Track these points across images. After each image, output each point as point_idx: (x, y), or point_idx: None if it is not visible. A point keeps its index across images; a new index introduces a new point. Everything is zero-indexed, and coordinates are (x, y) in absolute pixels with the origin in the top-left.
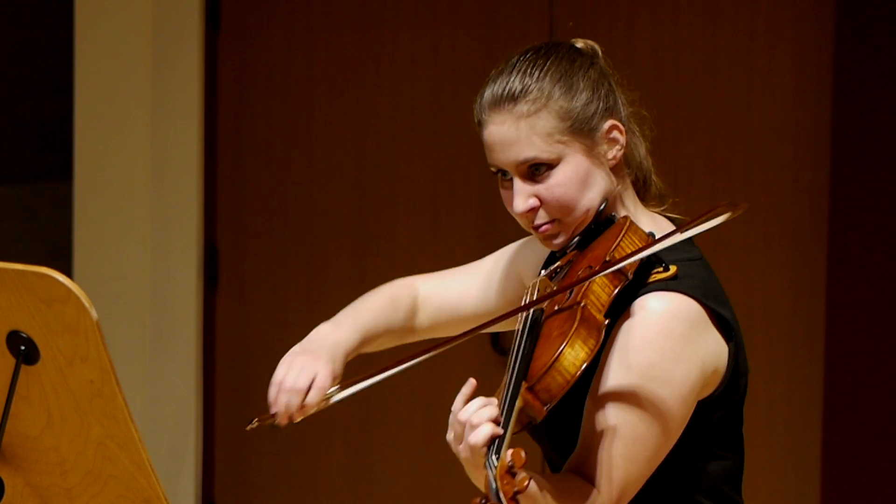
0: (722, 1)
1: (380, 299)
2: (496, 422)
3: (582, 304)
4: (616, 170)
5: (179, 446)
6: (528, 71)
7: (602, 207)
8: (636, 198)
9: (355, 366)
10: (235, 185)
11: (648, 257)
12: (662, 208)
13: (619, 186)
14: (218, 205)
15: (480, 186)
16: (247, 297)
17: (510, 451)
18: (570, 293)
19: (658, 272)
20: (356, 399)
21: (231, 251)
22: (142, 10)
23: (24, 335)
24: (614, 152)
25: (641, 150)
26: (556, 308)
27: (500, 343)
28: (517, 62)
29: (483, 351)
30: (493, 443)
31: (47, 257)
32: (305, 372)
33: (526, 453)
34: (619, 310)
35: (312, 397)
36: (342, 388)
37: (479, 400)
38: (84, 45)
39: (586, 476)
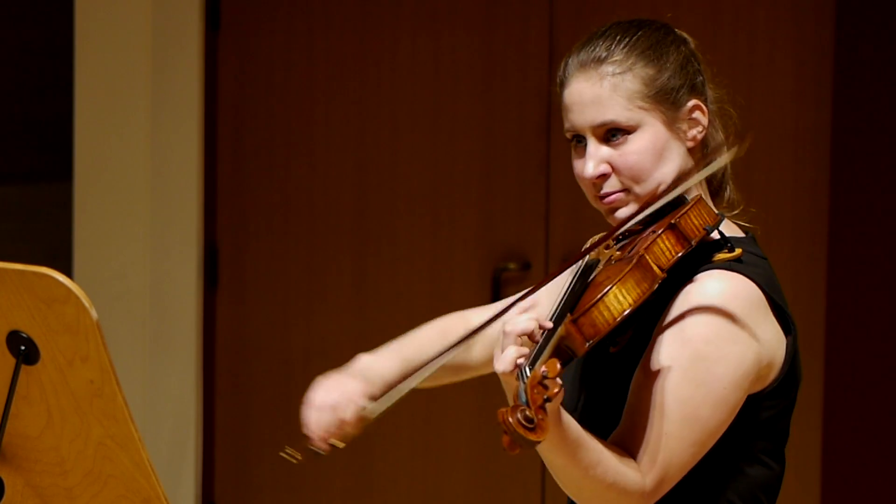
0: (722, 1)
1: (428, 331)
2: (537, 330)
3: (641, 253)
4: (693, 152)
5: (179, 446)
6: (619, 38)
7: (679, 197)
8: (708, 192)
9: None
10: (235, 185)
11: (715, 234)
12: (733, 214)
13: (694, 168)
14: (218, 205)
15: (480, 186)
16: (247, 297)
17: (544, 364)
18: (633, 248)
19: (723, 253)
20: None
21: (231, 251)
22: (142, 10)
23: (24, 335)
24: (695, 132)
25: (723, 145)
26: (612, 260)
27: None
28: (609, 29)
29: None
30: (529, 359)
31: (47, 257)
32: (335, 389)
33: (561, 365)
34: (678, 283)
35: (345, 412)
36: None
37: (528, 315)
38: (84, 45)
39: (628, 452)
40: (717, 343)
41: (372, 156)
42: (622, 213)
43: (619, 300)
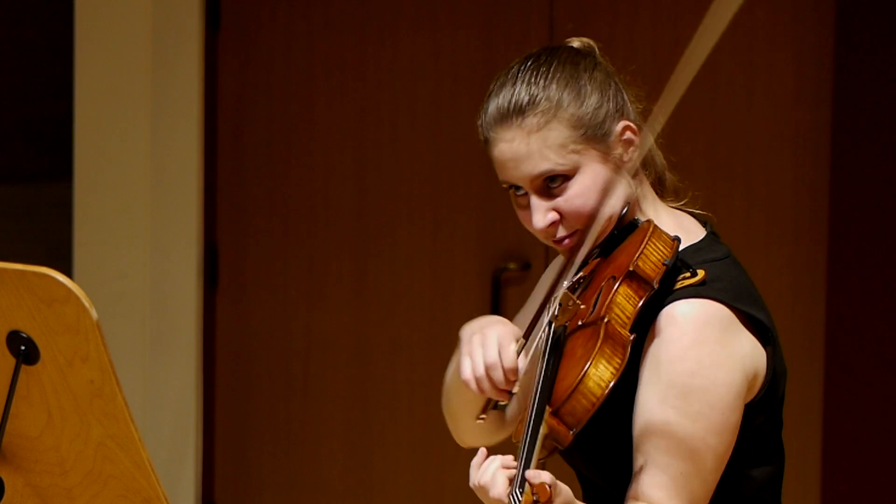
0: None
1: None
2: (508, 466)
3: (606, 320)
4: (635, 173)
5: (179, 446)
6: (533, 80)
7: (624, 212)
8: (655, 196)
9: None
10: (235, 185)
11: (675, 263)
12: (682, 203)
13: (638, 188)
14: (218, 205)
15: (480, 186)
16: (247, 297)
17: (535, 481)
18: (595, 306)
19: (685, 277)
20: (356, 399)
21: (231, 251)
22: (142, 10)
23: (24, 335)
24: (630, 154)
25: (656, 155)
26: (579, 324)
27: None
28: (519, 72)
29: None
30: (517, 478)
31: (47, 257)
32: (486, 343)
33: (550, 486)
34: (647, 321)
35: (509, 358)
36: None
37: (488, 460)
38: (84, 45)
39: (648, 500)
40: (702, 374)
41: (372, 156)
42: (581, 253)
43: (596, 382)
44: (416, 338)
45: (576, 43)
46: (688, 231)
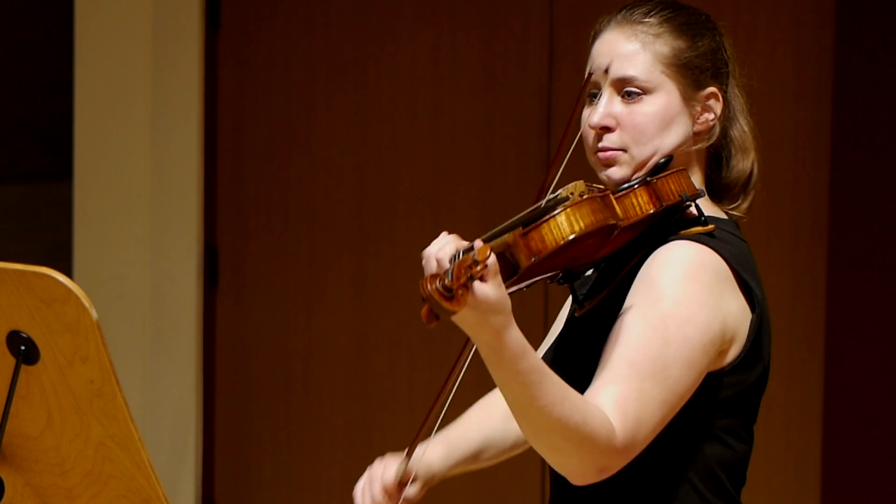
0: (722, 1)
1: (472, 412)
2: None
3: (607, 193)
4: (698, 136)
5: (179, 446)
6: (661, 7)
7: (666, 161)
8: (702, 182)
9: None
10: (235, 185)
11: (690, 204)
12: (729, 208)
13: (693, 155)
14: (218, 205)
15: (480, 186)
16: (247, 297)
17: (478, 244)
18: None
19: (697, 227)
20: (356, 399)
21: (231, 251)
22: (142, 10)
23: (24, 335)
24: (706, 117)
25: (750, 153)
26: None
27: None
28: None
29: None
30: (458, 253)
31: (47, 257)
32: (377, 465)
33: (492, 251)
34: (649, 250)
35: (388, 473)
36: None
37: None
38: (84, 45)
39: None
40: (686, 305)
41: (372, 156)
42: (613, 171)
43: (570, 221)
44: (416, 338)
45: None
46: (715, 211)
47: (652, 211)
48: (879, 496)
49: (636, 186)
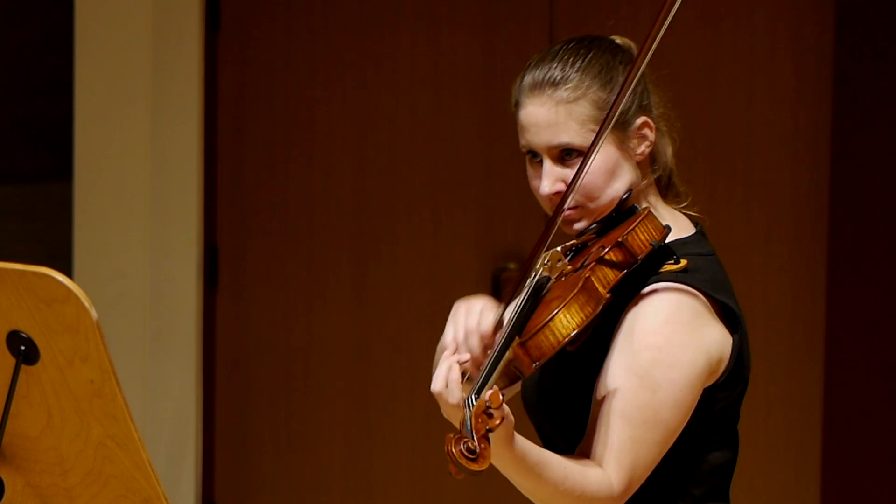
0: (722, 1)
1: None
2: (462, 362)
3: (587, 275)
4: (642, 165)
5: (179, 446)
6: (571, 61)
7: (625, 197)
8: (658, 194)
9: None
10: (235, 185)
11: (662, 249)
12: (682, 206)
13: (644, 181)
14: (218, 205)
15: (480, 186)
16: (247, 297)
17: (488, 392)
18: (581, 266)
19: (669, 264)
20: (356, 399)
21: (231, 251)
22: (142, 10)
23: (24, 335)
24: (643, 148)
25: (668, 150)
26: (562, 277)
27: None
28: (560, 51)
29: None
30: (475, 387)
31: (47, 257)
32: (469, 311)
33: (504, 395)
34: (627, 297)
35: (485, 324)
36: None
37: (441, 368)
38: (84, 45)
39: (595, 459)
40: (668, 350)
41: (372, 156)
42: (577, 226)
43: (564, 324)
44: (416, 338)
45: (618, 40)
46: (680, 227)
47: (627, 270)
48: (879, 496)
49: (608, 249)
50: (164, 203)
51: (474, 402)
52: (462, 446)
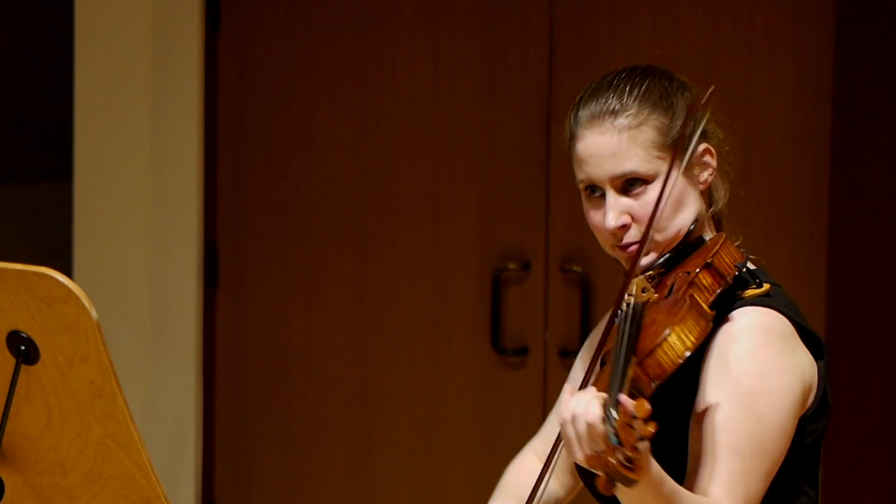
0: (722, 1)
1: (510, 477)
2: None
3: (690, 293)
4: (704, 195)
5: (179, 446)
6: (627, 89)
7: (692, 228)
8: (712, 225)
9: None
10: (235, 185)
11: (743, 273)
12: (735, 244)
13: (709, 210)
14: (218, 205)
15: (480, 186)
16: (247, 297)
17: (631, 403)
18: (670, 292)
19: (752, 289)
20: (356, 399)
21: (231, 251)
22: (142, 10)
23: (24, 335)
24: (706, 175)
25: (725, 185)
26: (658, 302)
27: (500, 343)
28: (613, 81)
29: (483, 351)
30: (609, 403)
31: (47, 257)
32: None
33: (650, 405)
34: (715, 322)
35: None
36: None
37: (581, 392)
38: (84, 45)
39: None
40: (768, 376)
41: (372, 156)
42: (645, 261)
43: (681, 339)
44: (416, 338)
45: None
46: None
47: (720, 290)
48: (879, 496)
49: (698, 271)
50: (164, 203)
51: (615, 415)
52: (620, 455)
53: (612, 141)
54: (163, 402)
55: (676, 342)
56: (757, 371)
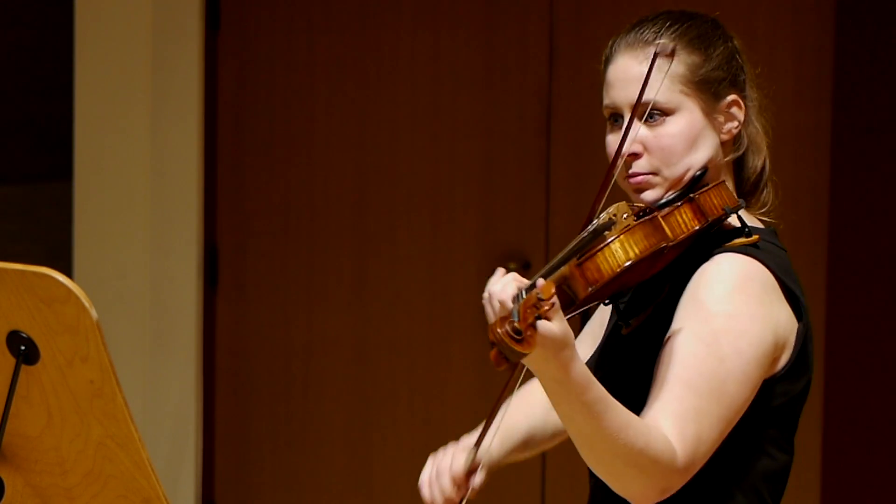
0: (722, 1)
1: (515, 402)
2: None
3: (656, 215)
4: (725, 146)
5: (179, 446)
6: (669, 24)
7: (699, 174)
8: (734, 188)
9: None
10: (235, 185)
11: (733, 217)
12: (760, 211)
13: (723, 166)
14: (218, 205)
15: (480, 186)
16: (247, 297)
17: (540, 282)
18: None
19: (741, 239)
20: (356, 399)
21: (231, 251)
22: (142, 10)
23: (24, 335)
24: (730, 126)
25: (761, 153)
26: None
27: None
28: (659, 16)
29: (483, 351)
30: (526, 286)
31: (47, 257)
32: (439, 458)
33: (557, 288)
34: (695, 265)
35: (456, 466)
36: (478, 441)
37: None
38: (84, 45)
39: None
40: (737, 318)
41: (372, 156)
42: (648, 195)
43: (624, 248)
44: (416, 338)
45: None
46: (752, 221)
47: (698, 227)
48: (879, 496)
49: (680, 204)
50: (164, 203)
51: (524, 295)
52: (508, 326)
53: (641, 67)
54: (163, 402)
55: (618, 249)
56: (727, 312)
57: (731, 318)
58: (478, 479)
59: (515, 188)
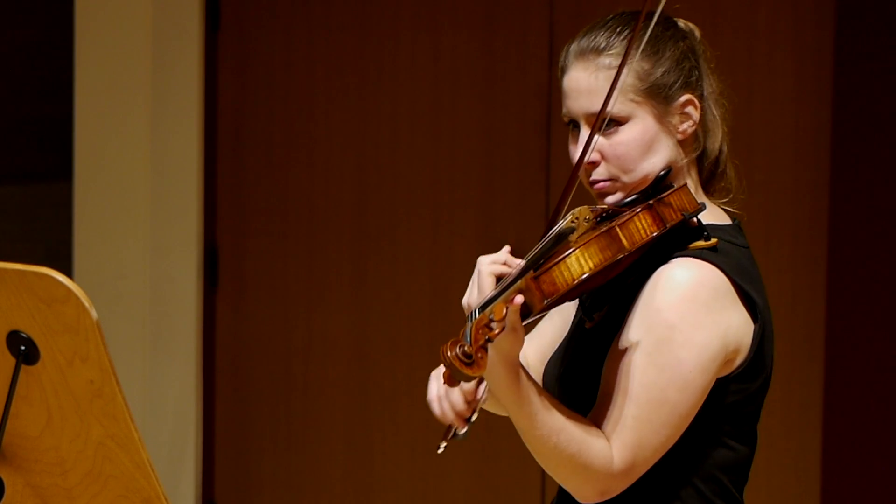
0: (722, 1)
1: None
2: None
3: (613, 225)
4: (684, 145)
5: (179, 446)
6: (619, 29)
7: (663, 174)
8: (699, 181)
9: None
10: (235, 185)
11: (693, 228)
12: (723, 202)
13: (684, 163)
14: (218, 205)
15: (480, 186)
16: (247, 297)
17: (493, 305)
18: (603, 221)
19: (699, 242)
20: (356, 399)
21: (231, 251)
22: (142, 10)
23: (24, 335)
24: (685, 126)
25: (717, 138)
26: (587, 232)
27: None
28: (611, 20)
29: None
30: (480, 304)
31: (47, 257)
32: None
33: (508, 309)
34: (654, 268)
35: (467, 384)
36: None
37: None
38: (84, 45)
39: (602, 433)
40: (680, 328)
41: (372, 156)
42: (609, 199)
43: (580, 263)
44: (416, 338)
45: (680, 22)
46: (716, 216)
47: (656, 233)
48: (879, 496)
49: (639, 210)
50: (164, 203)
51: (477, 315)
52: (458, 350)
53: (591, 78)
54: (163, 402)
55: (574, 263)
56: (670, 322)
57: (674, 328)
58: (485, 389)
59: (515, 188)
